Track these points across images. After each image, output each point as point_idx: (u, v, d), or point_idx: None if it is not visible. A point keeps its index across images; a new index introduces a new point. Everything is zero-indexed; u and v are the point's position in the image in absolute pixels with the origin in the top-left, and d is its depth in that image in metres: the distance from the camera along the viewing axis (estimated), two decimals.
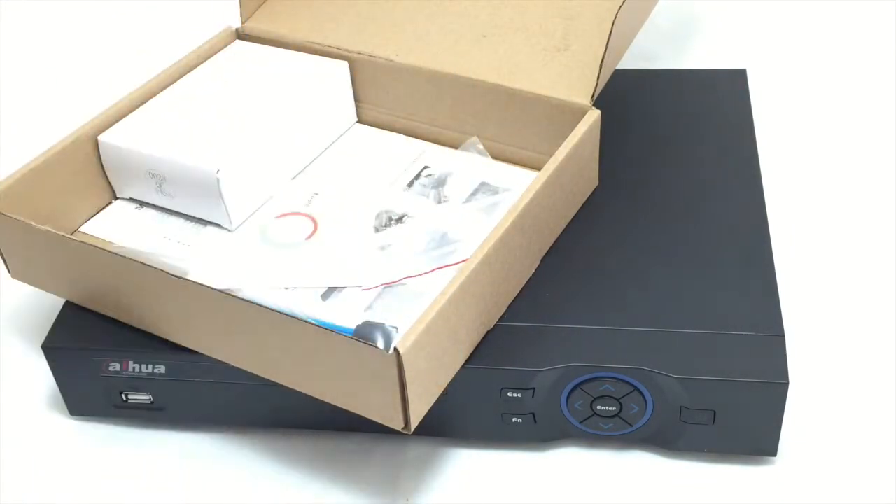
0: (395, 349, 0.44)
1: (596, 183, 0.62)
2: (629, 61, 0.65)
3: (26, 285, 0.59)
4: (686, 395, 0.51)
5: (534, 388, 0.52)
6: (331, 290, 0.55)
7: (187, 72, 0.67)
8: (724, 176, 0.63)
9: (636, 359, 0.51)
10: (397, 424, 0.47)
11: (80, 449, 0.58)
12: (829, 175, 0.72)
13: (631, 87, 0.70)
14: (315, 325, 0.47)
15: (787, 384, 0.50)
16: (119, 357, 0.55)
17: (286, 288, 0.55)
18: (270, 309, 0.48)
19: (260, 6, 0.71)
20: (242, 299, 0.48)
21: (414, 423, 0.48)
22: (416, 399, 0.47)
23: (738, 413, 0.51)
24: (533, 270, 0.57)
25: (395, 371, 0.45)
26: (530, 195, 0.53)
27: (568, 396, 0.52)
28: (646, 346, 0.52)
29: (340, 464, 0.56)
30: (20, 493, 0.56)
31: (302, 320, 0.47)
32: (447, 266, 0.55)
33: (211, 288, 0.49)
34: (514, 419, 0.54)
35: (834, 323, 0.61)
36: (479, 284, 0.50)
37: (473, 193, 0.61)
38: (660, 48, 0.84)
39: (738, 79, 0.72)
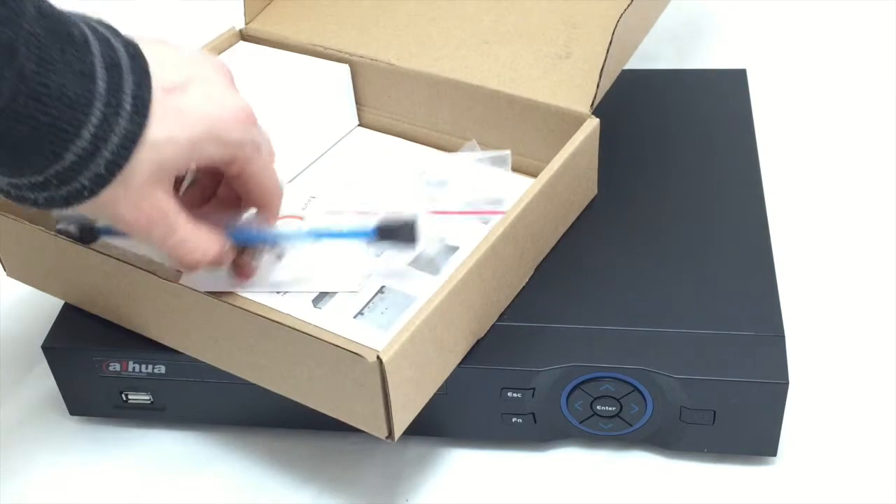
0: (379, 358, 0.44)
1: (594, 192, 0.62)
2: (629, 61, 0.65)
3: (27, 285, 0.59)
4: (686, 395, 0.51)
5: (534, 388, 0.52)
6: (322, 295, 0.55)
7: None
8: (724, 176, 0.63)
9: (636, 359, 0.51)
10: (381, 433, 0.47)
11: (80, 449, 0.58)
12: (829, 175, 0.72)
13: (631, 88, 0.70)
14: (301, 331, 0.47)
15: (787, 384, 0.50)
16: (119, 357, 0.55)
17: (278, 292, 0.55)
18: (257, 314, 0.48)
19: (264, 8, 0.71)
20: (230, 304, 0.49)
21: (398, 432, 0.47)
22: (400, 408, 0.47)
23: (738, 413, 0.51)
24: (526, 280, 0.56)
25: (378, 379, 0.45)
26: (523, 204, 0.52)
27: (568, 396, 0.52)
28: (646, 346, 0.52)
29: (340, 464, 0.56)
30: (20, 493, 0.56)
31: (289, 327, 0.47)
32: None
33: (199, 292, 0.49)
34: (514, 419, 0.54)
35: (834, 323, 0.61)
36: (468, 294, 0.50)
37: (471, 200, 0.61)
38: (660, 48, 0.84)
39: (738, 79, 0.72)
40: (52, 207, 0.43)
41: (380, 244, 0.52)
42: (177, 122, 0.43)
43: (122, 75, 0.41)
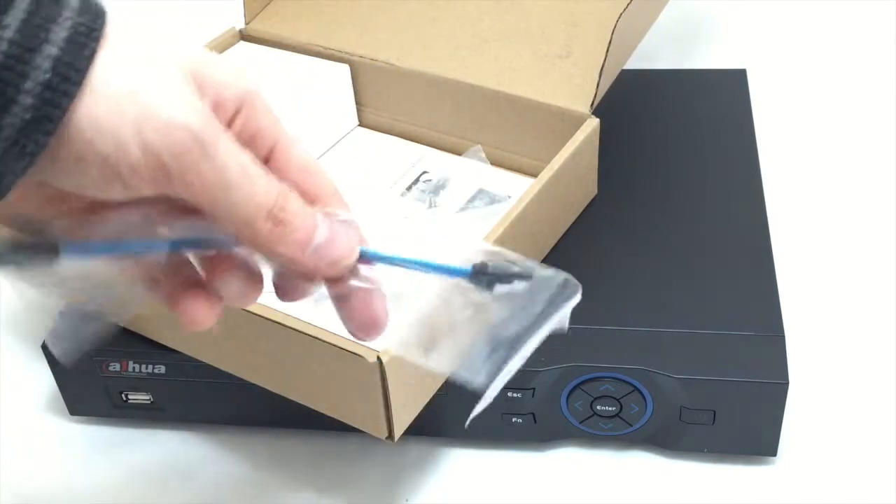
0: (379, 358, 0.44)
1: (595, 192, 0.62)
2: (629, 61, 0.65)
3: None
4: (686, 395, 0.51)
5: (534, 388, 0.52)
6: (323, 295, 0.54)
7: None
8: (724, 176, 0.63)
9: (636, 359, 0.51)
10: (381, 434, 0.47)
11: (80, 449, 0.58)
12: (829, 175, 0.72)
13: (631, 88, 0.70)
14: (301, 331, 0.47)
15: (787, 384, 0.50)
16: (119, 357, 0.55)
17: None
18: (258, 315, 0.48)
19: (264, 8, 0.71)
20: None
21: (398, 433, 0.47)
22: (401, 409, 0.47)
23: (738, 413, 0.51)
24: None
25: (378, 379, 0.45)
26: (523, 205, 0.52)
27: (568, 396, 0.52)
28: (646, 346, 0.52)
29: (340, 464, 0.56)
30: (20, 493, 0.56)
31: (289, 327, 0.47)
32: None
33: None
34: (514, 419, 0.54)
35: (834, 323, 0.61)
36: None
37: (471, 200, 0.61)
38: (660, 48, 0.84)
39: (738, 79, 0.72)
40: None
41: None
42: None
43: None
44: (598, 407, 0.53)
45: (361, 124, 0.69)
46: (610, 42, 0.57)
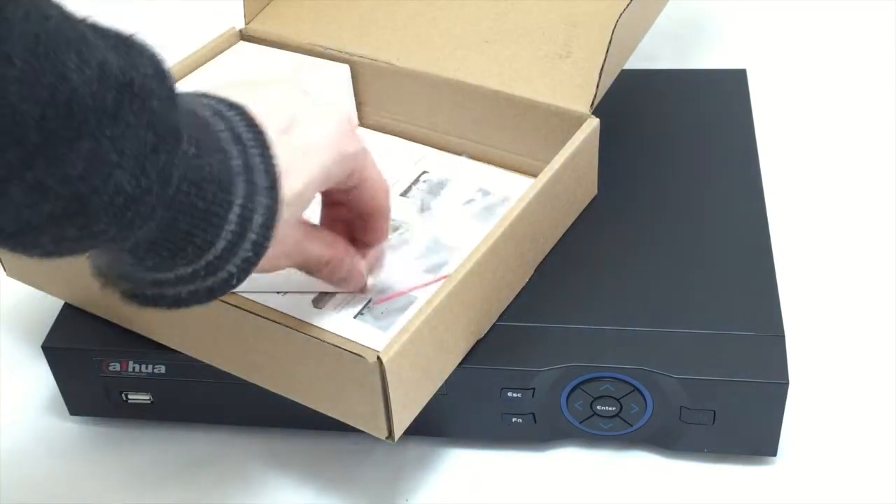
0: (379, 358, 0.44)
1: (595, 192, 0.62)
2: (629, 61, 0.65)
3: (27, 285, 0.59)
4: (686, 395, 0.51)
5: (534, 388, 0.52)
6: (322, 296, 0.55)
7: (190, 72, 0.67)
8: (724, 176, 0.63)
9: (636, 359, 0.51)
10: (381, 433, 0.47)
11: (80, 449, 0.58)
12: (829, 175, 0.72)
13: (631, 88, 0.70)
14: (301, 332, 0.47)
15: (787, 384, 0.50)
16: (119, 357, 0.55)
17: (277, 293, 0.55)
18: (257, 315, 0.48)
19: (264, 8, 0.71)
20: (230, 304, 0.48)
21: (398, 433, 0.47)
22: (401, 408, 0.47)
23: (738, 413, 0.51)
24: (526, 280, 0.56)
25: (378, 379, 0.45)
26: (523, 204, 0.52)
27: (568, 396, 0.52)
28: (646, 346, 0.52)
29: (340, 464, 0.56)
30: (20, 493, 0.56)
31: (289, 327, 0.47)
32: (438, 280, 0.55)
33: None
34: (514, 419, 0.54)
35: (834, 323, 0.61)
36: (468, 294, 0.50)
37: (471, 200, 0.61)
38: (660, 48, 0.84)
39: (738, 79, 0.72)
40: (192, 304, 0.40)
41: None
42: (305, 163, 0.41)
43: (245, 143, 0.38)
44: (598, 407, 0.53)
45: (362, 124, 0.69)
46: (610, 42, 0.57)
